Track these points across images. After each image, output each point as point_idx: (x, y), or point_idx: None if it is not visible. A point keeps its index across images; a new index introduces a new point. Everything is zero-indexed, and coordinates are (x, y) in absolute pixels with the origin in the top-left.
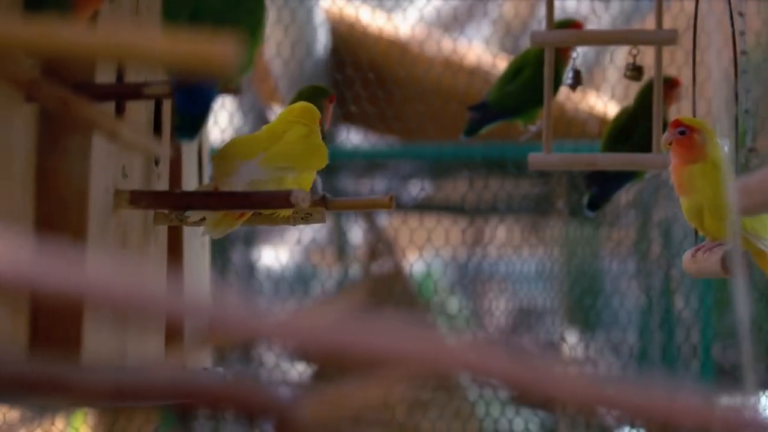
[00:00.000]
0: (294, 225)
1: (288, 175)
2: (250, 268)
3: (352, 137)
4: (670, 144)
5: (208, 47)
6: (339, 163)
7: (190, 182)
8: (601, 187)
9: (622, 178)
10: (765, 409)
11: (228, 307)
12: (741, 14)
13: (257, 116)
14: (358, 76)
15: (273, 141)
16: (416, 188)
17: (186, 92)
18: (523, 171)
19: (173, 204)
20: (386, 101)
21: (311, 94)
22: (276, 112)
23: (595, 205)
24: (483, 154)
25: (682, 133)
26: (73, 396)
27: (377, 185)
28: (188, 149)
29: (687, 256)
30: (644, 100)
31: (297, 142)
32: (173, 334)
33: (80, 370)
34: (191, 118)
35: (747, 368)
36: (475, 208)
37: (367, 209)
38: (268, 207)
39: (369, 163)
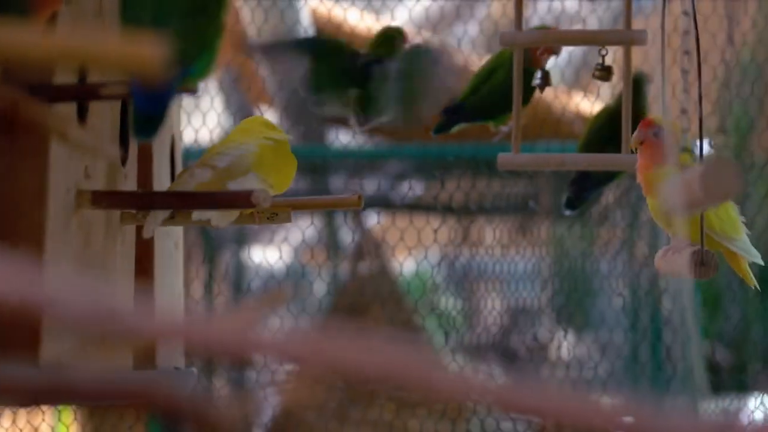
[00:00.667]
0: (259, 224)
1: (230, 177)
2: (241, 268)
3: (342, 137)
4: (641, 143)
5: (138, 48)
6: (330, 163)
7: (162, 182)
8: (579, 186)
9: (600, 178)
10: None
11: (203, 326)
12: (686, 13)
13: (245, 117)
14: None
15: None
16: (406, 188)
17: (143, 92)
18: (512, 171)
19: (135, 204)
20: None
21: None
22: (262, 112)
23: (572, 204)
24: (472, 154)
25: (656, 134)
26: None
27: (368, 185)
28: (160, 149)
29: (659, 256)
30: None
31: (239, 146)
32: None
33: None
34: (148, 118)
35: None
36: (464, 207)
37: (334, 208)
38: (229, 207)
39: (359, 163)
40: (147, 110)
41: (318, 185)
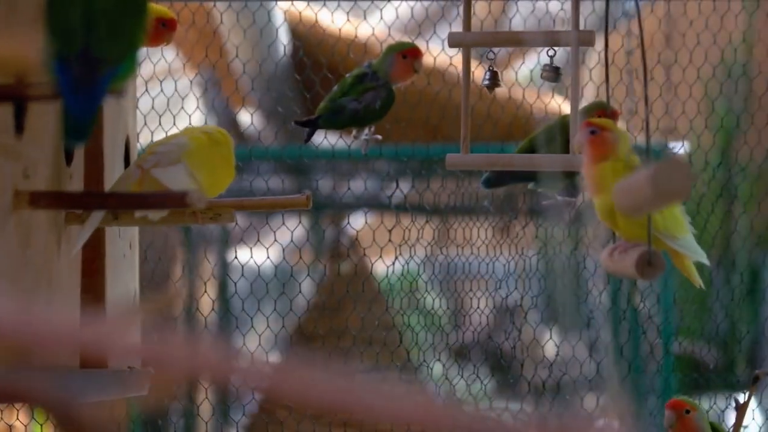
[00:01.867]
0: (202, 224)
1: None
2: (226, 268)
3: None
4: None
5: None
6: (317, 164)
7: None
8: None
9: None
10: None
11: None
12: (626, 15)
13: (227, 120)
14: (319, 77)
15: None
16: (394, 189)
17: (72, 95)
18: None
19: (73, 204)
20: None
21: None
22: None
23: (489, 183)
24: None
25: (593, 132)
26: None
27: (356, 186)
28: (113, 150)
29: (604, 255)
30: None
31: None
32: None
33: None
34: (78, 121)
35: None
36: (449, 207)
37: (283, 209)
38: (164, 207)
39: (348, 164)
40: (75, 113)
41: (303, 186)
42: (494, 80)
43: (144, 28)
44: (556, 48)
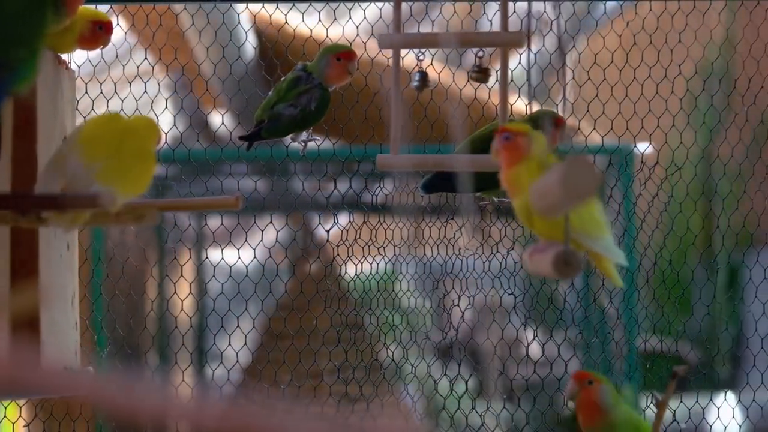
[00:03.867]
0: (125, 225)
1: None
2: (212, 268)
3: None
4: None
5: None
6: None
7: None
8: (441, 176)
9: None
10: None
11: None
12: (530, 15)
13: (198, 121)
14: None
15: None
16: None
17: None
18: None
19: None
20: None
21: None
22: (216, 116)
23: (428, 188)
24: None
25: (507, 138)
26: None
27: (340, 186)
28: (47, 151)
29: (525, 256)
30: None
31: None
32: None
33: None
34: None
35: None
36: (432, 207)
37: (211, 209)
38: (75, 208)
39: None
40: None
41: (276, 186)
42: (424, 81)
43: (45, 33)
44: (484, 49)
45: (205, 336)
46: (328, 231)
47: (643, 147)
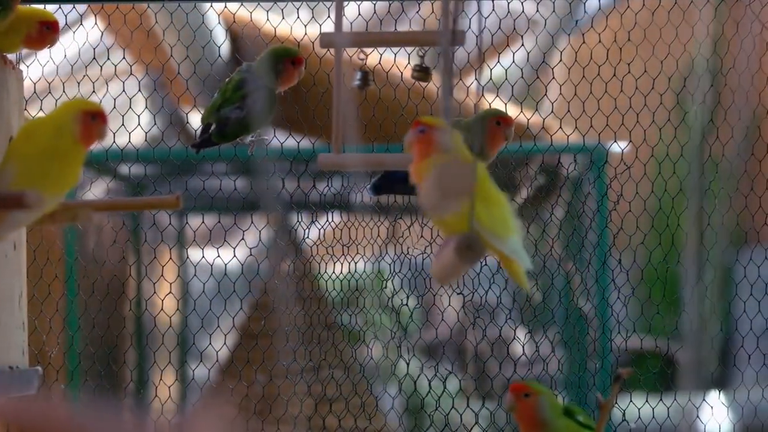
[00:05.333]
0: (59, 224)
1: None
2: (197, 268)
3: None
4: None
5: None
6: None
7: None
8: (389, 176)
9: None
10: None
11: None
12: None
13: (177, 121)
14: None
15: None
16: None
17: None
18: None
19: None
20: (295, 102)
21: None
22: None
23: (378, 189)
24: None
25: (422, 131)
26: None
27: (306, 186)
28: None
29: (433, 258)
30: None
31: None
32: None
33: None
34: None
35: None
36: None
37: (153, 209)
38: (2, 207)
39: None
40: None
41: (254, 186)
42: (365, 81)
43: None
44: (426, 48)
45: (186, 335)
46: (305, 230)
47: (622, 145)
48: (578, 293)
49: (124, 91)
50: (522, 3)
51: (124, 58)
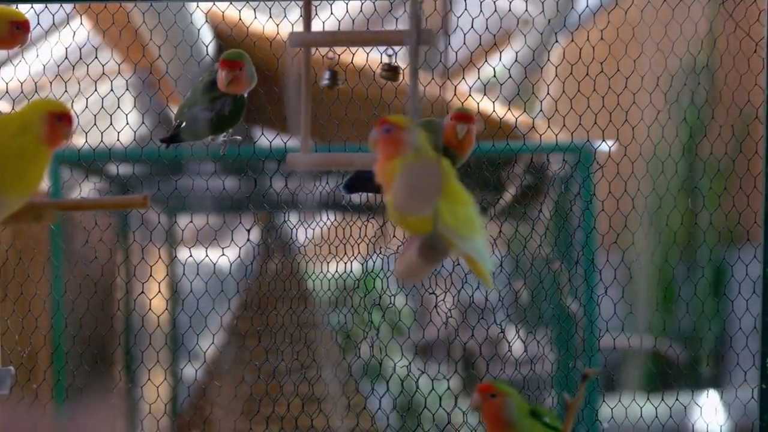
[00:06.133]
0: (25, 224)
1: None
2: (191, 267)
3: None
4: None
5: None
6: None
7: None
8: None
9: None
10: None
11: None
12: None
13: (165, 120)
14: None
15: None
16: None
17: None
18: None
19: None
20: (282, 101)
21: None
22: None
23: (350, 187)
24: None
25: (387, 131)
26: None
27: (293, 185)
28: None
29: (397, 258)
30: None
31: None
32: None
33: None
34: None
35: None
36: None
37: (120, 209)
38: None
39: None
40: None
41: (243, 185)
42: (334, 80)
43: None
44: (395, 48)
45: (175, 335)
46: (293, 230)
47: (609, 144)
48: (566, 292)
49: (112, 90)
50: (510, 2)
51: (111, 57)
